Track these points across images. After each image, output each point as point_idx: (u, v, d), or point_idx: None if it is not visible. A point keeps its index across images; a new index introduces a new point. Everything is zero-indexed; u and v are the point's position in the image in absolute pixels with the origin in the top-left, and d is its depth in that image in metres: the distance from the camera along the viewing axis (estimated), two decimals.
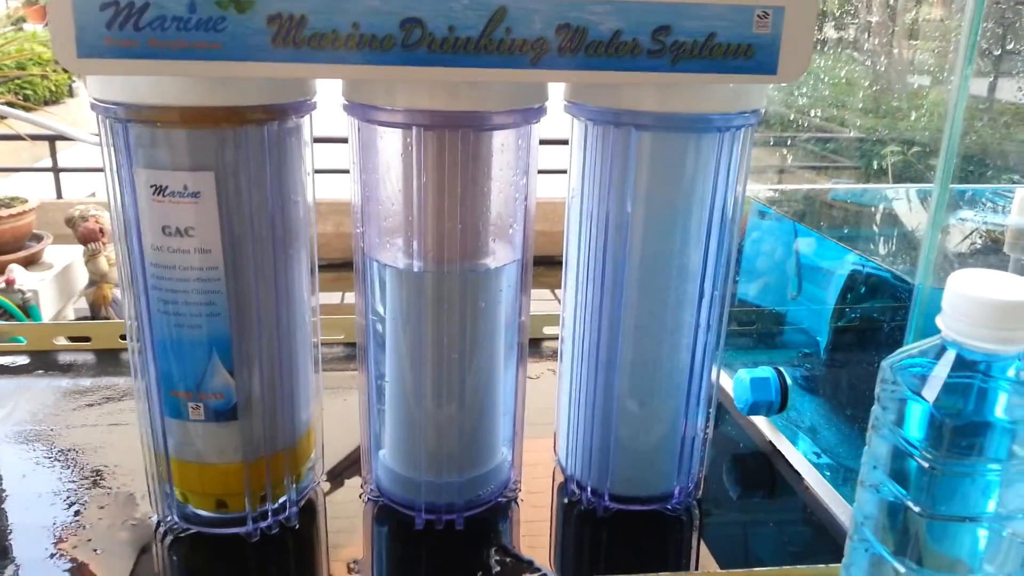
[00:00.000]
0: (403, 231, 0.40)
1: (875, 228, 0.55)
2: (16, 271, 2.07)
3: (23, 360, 0.62)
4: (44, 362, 0.62)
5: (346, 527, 0.43)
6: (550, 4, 0.33)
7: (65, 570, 0.39)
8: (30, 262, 2.18)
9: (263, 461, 0.40)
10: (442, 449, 0.41)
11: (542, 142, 0.41)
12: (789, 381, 0.49)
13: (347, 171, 0.39)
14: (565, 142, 0.42)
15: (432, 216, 0.38)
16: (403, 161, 0.38)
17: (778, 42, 0.35)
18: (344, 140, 0.39)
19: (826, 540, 0.43)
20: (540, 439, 0.50)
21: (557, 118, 0.42)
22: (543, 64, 0.34)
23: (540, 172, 0.41)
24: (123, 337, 0.63)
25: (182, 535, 0.41)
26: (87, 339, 0.64)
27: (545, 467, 0.49)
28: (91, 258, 2.21)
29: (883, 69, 0.57)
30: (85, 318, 2.26)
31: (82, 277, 2.28)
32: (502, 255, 0.41)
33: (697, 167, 0.38)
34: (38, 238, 2.29)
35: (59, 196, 3.00)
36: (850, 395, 0.46)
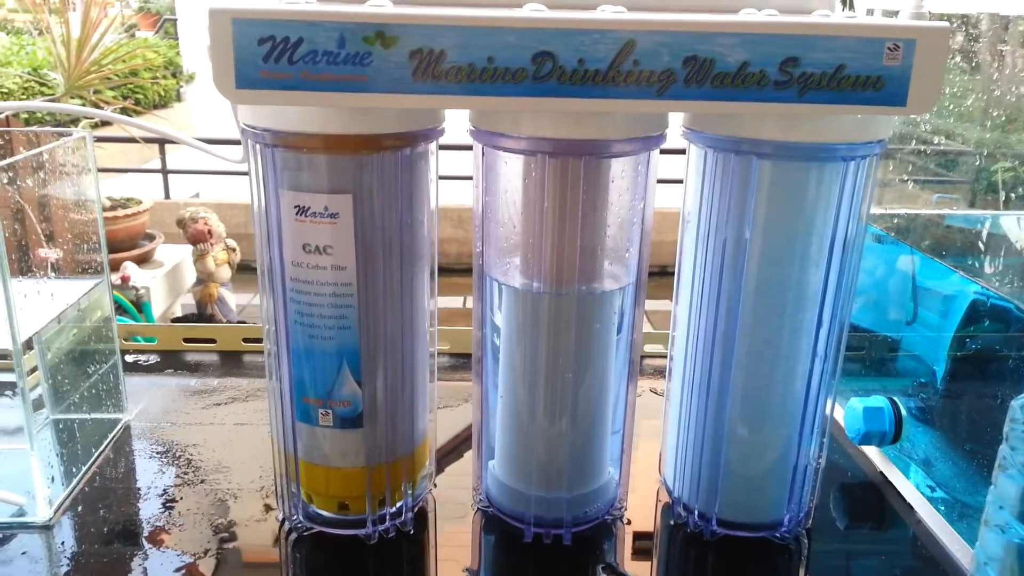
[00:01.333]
0: (523, 252, 0.41)
1: (997, 256, 0.53)
2: (130, 268, 2.20)
3: (154, 359, 0.67)
4: (173, 362, 0.66)
5: (457, 534, 0.45)
6: (678, 37, 0.34)
7: (196, 562, 0.42)
8: (142, 260, 2.32)
9: (383, 467, 0.42)
10: (552, 464, 0.43)
11: None
12: (903, 411, 0.48)
13: (447, 177, 0.41)
14: (669, 152, 0.42)
15: (552, 240, 0.39)
16: (525, 186, 0.40)
17: (908, 74, 0.35)
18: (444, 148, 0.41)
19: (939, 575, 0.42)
20: (635, 453, 0.50)
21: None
22: (669, 95, 0.35)
23: None
24: (246, 340, 0.67)
25: (305, 533, 0.44)
26: (212, 340, 0.68)
27: (646, 484, 0.49)
28: (199, 258, 2.33)
29: (994, 79, 0.55)
30: (192, 314, 2.39)
31: (190, 275, 2.41)
32: (618, 278, 0.41)
33: (819, 196, 0.38)
34: (150, 237, 2.43)
35: (167, 196, 3.17)
36: (969, 429, 0.45)
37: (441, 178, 0.43)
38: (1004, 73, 0.54)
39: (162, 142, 3.04)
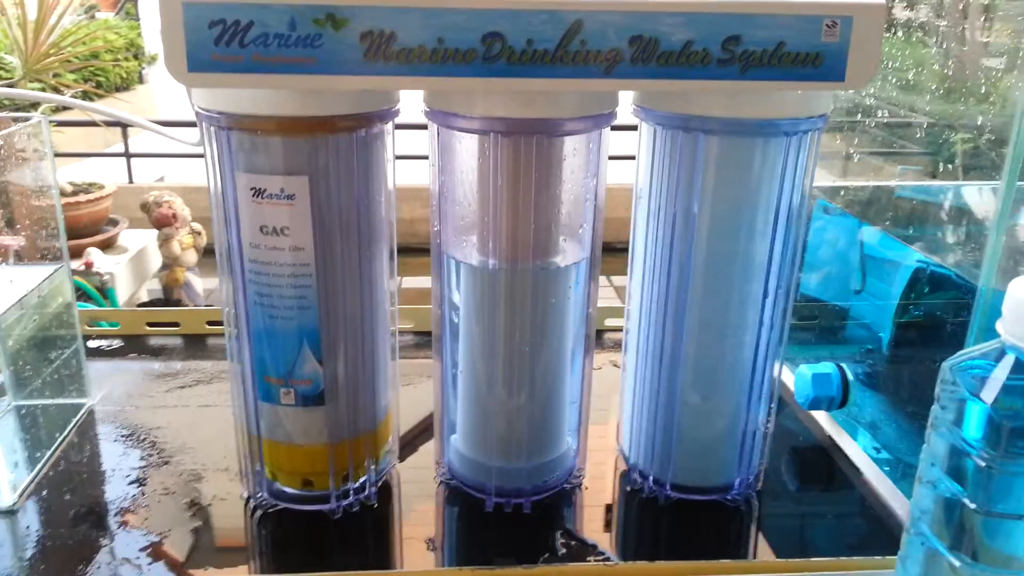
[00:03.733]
0: (479, 230, 0.42)
1: (940, 225, 0.55)
2: (94, 254, 2.17)
3: (117, 343, 0.67)
4: (136, 346, 0.66)
5: (421, 507, 0.46)
6: (624, 17, 0.35)
7: (162, 541, 0.43)
8: (107, 246, 2.29)
9: (346, 444, 0.43)
10: (512, 436, 0.44)
11: None
12: (851, 377, 0.50)
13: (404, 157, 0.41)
14: (623, 128, 0.43)
15: (506, 217, 0.40)
16: (480, 165, 0.40)
17: (846, 50, 0.36)
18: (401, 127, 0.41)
19: (883, 533, 0.44)
20: (598, 426, 0.52)
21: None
22: (616, 74, 0.36)
23: None
24: (210, 323, 0.67)
25: (270, 510, 0.45)
26: (176, 324, 0.68)
27: (605, 454, 0.51)
28: (164, 242, 2.31)
29: (954, 50, 0.57)
30: (158, 300, 2.36)
31: (155, 260, 2.38)
32: (572, 253, 0.42)
33: (764, 170, 0.40)
34: (114, 222, 2.39)
35: (130, 181, 3.12)
36: (912, 392, 0.47)
37: (414, 158, 0.43)
38: (962, 41, 0.55)
39: (124, 125, 2.99)
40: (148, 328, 0.68)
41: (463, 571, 0.38)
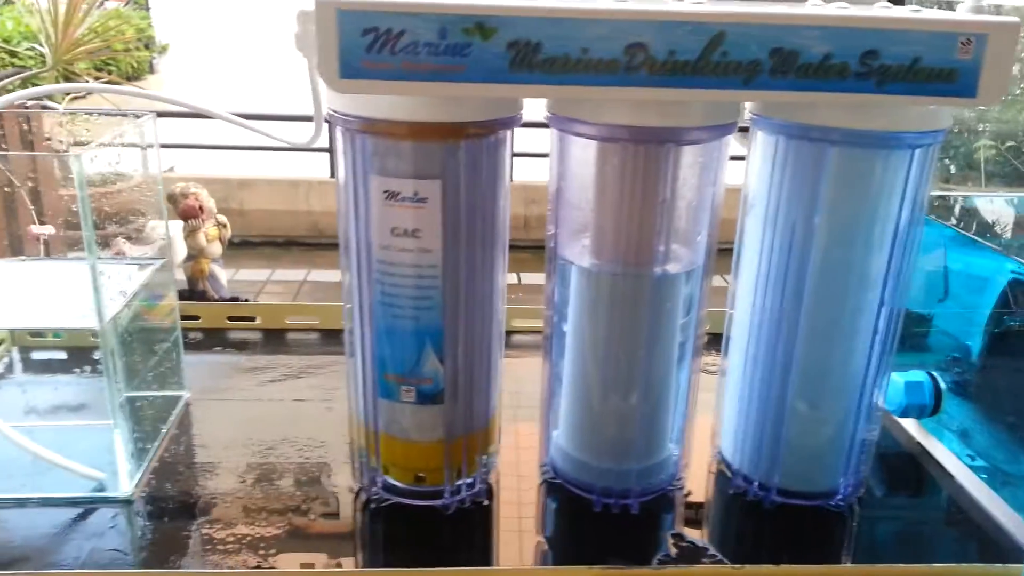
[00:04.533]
0: (598, 235, 0.43)
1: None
2: (123, 244, 2.18)
3: (198, 336, 0.68)
4: (218, 340, 0.67)
5: (526, 504, 0.47)
6: (766, 29, 0.36)
7: (276, 532, 0.44)
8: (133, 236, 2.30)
9: (460, 441, 0.44)
10: (622, 437, 0.45)
11: None
12: (943, 385, 0.51)
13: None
14: None
15: (629, 223, 0.41)
16: (602, 171, 0.41)
17: (980, 66, 0.36)
18: None
19: (985, 540, 0.45)
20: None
21: None
22: (754, 85, 0.36)
23: None
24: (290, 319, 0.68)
25: (382, 504, 0.45)
26: (252, 319, 0.69)
27: (694, 455, 0.51)
28: (191, 234, 2.31)
29: None
30: (184, 290, 2.38)
31: (181, 251, 2.39)
32: (688, 260, 0.43)
33: (885, 182, 0.40)
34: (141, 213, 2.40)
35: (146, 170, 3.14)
36: (1009, 401, 0.48)
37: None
38: None
39: (180, 114, 3.01)
40: (229, 322, 0.69)
41: (593, 569, 0.39)
